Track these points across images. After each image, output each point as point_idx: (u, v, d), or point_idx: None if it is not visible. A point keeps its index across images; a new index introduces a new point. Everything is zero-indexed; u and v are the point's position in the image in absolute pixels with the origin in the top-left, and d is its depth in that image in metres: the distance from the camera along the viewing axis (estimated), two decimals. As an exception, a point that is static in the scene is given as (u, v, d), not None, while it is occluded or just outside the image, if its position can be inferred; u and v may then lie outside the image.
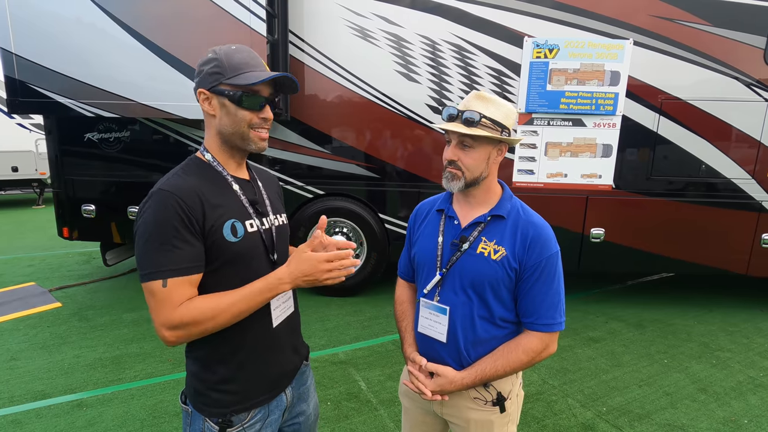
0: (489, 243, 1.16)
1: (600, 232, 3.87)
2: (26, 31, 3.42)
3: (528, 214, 1.19)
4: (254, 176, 1.16)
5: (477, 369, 1.17)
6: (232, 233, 1.00)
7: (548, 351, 1.17)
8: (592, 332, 3.60)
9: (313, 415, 1.30)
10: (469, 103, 1.14)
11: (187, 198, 0.94)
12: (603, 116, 3.69)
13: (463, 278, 1.18)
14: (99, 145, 4.02)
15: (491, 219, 1.19)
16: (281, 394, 1.15)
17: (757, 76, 3.57)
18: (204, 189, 0.98)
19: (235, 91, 0.99)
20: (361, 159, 3.97)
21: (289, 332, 1.18)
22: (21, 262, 5.31)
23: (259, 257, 1.07)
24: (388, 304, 4.08)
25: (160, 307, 0.92)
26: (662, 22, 3.54)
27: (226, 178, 1.05)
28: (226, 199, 1.02)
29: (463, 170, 1.14)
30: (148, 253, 0.92)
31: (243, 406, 1.06)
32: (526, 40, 3.63)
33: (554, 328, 1.15)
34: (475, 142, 1.13)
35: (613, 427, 2.41)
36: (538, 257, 1.13)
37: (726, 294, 4.50)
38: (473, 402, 1.22)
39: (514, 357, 1.15)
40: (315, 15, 3.75)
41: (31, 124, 9.05)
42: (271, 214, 1.14)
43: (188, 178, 0.98)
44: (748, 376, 2.97)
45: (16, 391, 2.65)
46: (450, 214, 1.24)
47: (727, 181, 3.73)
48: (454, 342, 1.20)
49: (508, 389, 1.23)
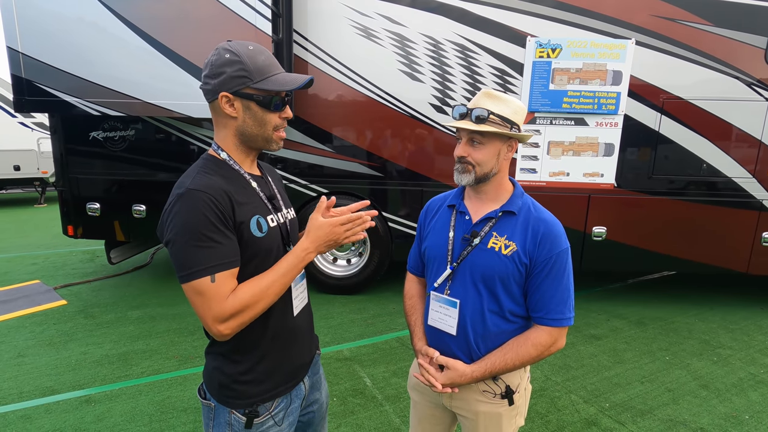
0: (500, 238, 1.18)
1: (602, 230, 3.90)
2: (33, 30, 3.44)
3: (539, 211, 1.20)
4: (264, 172, 1.19)
5: (487, 362, 1.19)
6: (258, 229, 1.03)
7: (557, 345, 1.19)
8: (594, 330, 3.63)
9: (325, 402, 1.34)
10: (479, 100, 1.16)
11: (218, 195, 0.95)
12: (605, 115, 3.71)
13: (473, 272, 1.20)
14: (104, 143, 4.04)
15: (502, 215, 1.20)
16: (300, 384, 1.19)
17: (757, 76, 3.59)
18: (229, 187, 1.00)
19: (265, 96, 1.00)
20: (364, 158, 4.00)
21: (306, 322, 1.21)
22: (25, 260, 5.34)
23: (278, 250, 1.10)
24: (391, 302, 4.11)
25: (211, 303, 0.93)
26: (664, 22, 3.56)
27: (244, 176, 1.07)
28: (249, 196, 1.05)
29: (474, 165, 1.17)
30: (190, 253, 0.92)
31: (268, 395, 1.09)
32: (529, 40, 3.65)
33: (563, 323, 1.17)
34: (485, 139, 1.15)
35: (616, 422, 2.43)
36: (548, 253, 1.14)
37: (726, 292, 4.53)
38: (482, 395, 1.24)
39: (523, 351, 1.17)
40: (319, 14, 3.77)
41: (33, 123, 9.07)
42: (284, 209, 1.17)
43: (213, 176, 0.99)
44: (749, 372, 3.00)
45: (25, 387, 2.68)
46: (461, 209, 1.26)
47: (728, 180, 3.76)
48: (464, 335, 1.22)
49: (517, 382, 1.25)
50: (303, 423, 1.28)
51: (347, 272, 4.27)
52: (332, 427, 2.34)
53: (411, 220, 4.10)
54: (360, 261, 4.28)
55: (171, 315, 3.74)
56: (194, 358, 3.02)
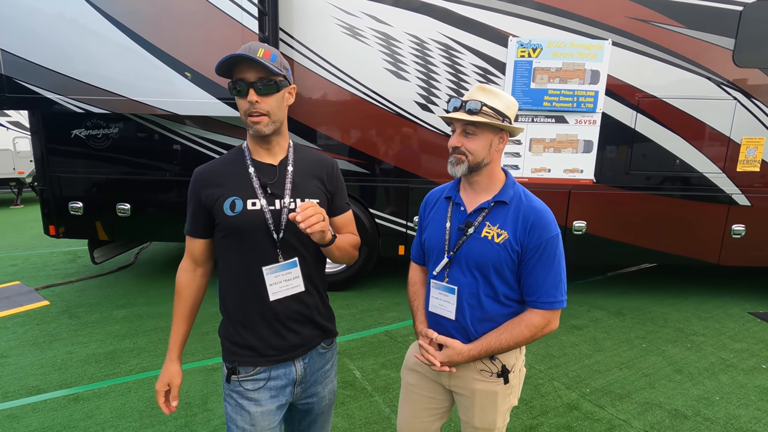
0: (492, 227, 1.25)
1: (582, 224, 4.03)
2: (12, 27, 3.38)
3: (530, 200, 1.27)
4: (288, 161, 1.22)
5: (483, 342, 1.26)
6: (231, 209, 1.17)
7: (550, 327, 1.26)
8: (575, 320, 3.76)
9: (328, 399, 1.37)
10: (472, 93, 1.23)
11: (197, 177, 1.23)
12: (584, 113, 3.84)
13: (469, 260, 1.27)
14: (87, 141, 3.99)
15: (495, 205, 1.27)
16: (291, 365, 1.24)
17: (726, 76, 3.77)
18: (218, 170, 1.22)
19: (229, 83, 1.13)
20: (351, 155, 4.05)
21: (297, 310, 1.23)
22: (2, 262, 5.21)
23: (255, 232, 1.17)
24: (378, 298, 4.17)
25: None
26: (639, 23, 3.71)
27: (246, 161, 1.21)
28: (234, 180, 1.19)
29: (466, 154, 1.23)
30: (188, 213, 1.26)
31: (246, 360, 1.22)
32: (511, 40, 3.76)
33: (555, 306, 1.24)
34: (477, 129, 1.22)
35: (596, 406, 2.54)
36: (538, 239, 1.21)
37: (699, 282, 4.73)
38: (479, 374, 1.31)
39: (517, 332, 1.24)
40: (305, 13, 3.80)
41: (9, 122, 8.81)
42: (288, 197, 1.20)
43: (216, 161, 1.25)
44: (720, 357, 3.16)
45: (10, 387, 2.64)
46: (457, 201, 1.33)
47: (700, 175, 3.94)
48: (462, 319, 1.29)
49: (512, 363, 1.32)
50: (301, 411, 1.34)
51: (335, 268, 4.31)
52: (323, 418, 2.38)
53: (397, 217, 4.16)
54: (347, 257, 4.31)
55: (158, 313, 3.72)
56: (184, 355, 3.02)
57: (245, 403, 1.21)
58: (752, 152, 3.88)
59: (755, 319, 3.84)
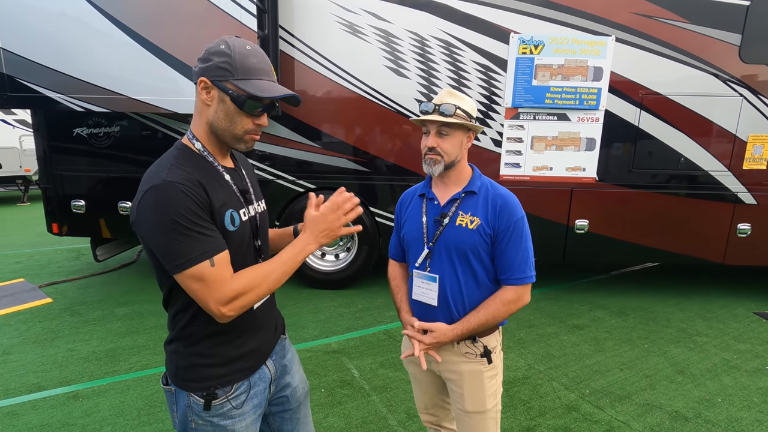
0: (465, 215, 1.36)
1: (584, 223, 3.99)
2: (14, 25, 3.39)
3: (496, 188, 1.39)
4: (238, 164, 1.20)
5: (464, 322, 1.36)
6: (231, 223, 1.05)
7: (522, 301, 1.36)
8: (576, 320, 3.72)
9: (301, 389, 1.33)
10: (443, 97, 1.34)
11: (195, 187, 0.97)
12: (586, 111, 3.80)
13: (448, 248, 1.37)
14: (88, 140, 4.01)
15: (465, 195, 1.39)
16: (263, 367, 1.20)
17: (733, 73, 3.71)
18: (204, 181, 1.00)
19: (240, 95, 1.00)
20: (351, 153, 4.03)
21: (268, 311, 1.23)
22: (8, 259, 5.26)
23: (247, 244, 1.13)
24: (379, 296, 4.16)
25: (213, 287, 0.96)
26: (643, 19, 3.65)
27: (217, 169, 1.08)
28: (223, 190, 1.06)
29: (442, 155, 1.33)
30: (181, 243, 0.93)
31: (225, 380, 1.10)
32: (513, 37, 3.71)
33: (526, 281, 1.35)
34: (451, 130, 1.33)
35: (595, 407, 2.52)
36: (507, 222, 1.33)
37: (704, 282, 4.67)
38: (464, 356, 1.41)
39: (493, 308, 1.35)
40: (305, 10, 3.78)
41: (15, 120, 8.89)
42: (255, 202, 1.18)
43: (188, 169, 0.99)
44: (723, 358, 3.11)
45: (11, 384, 2.67)
46: (430, 196, 1.44)
47: (705, 173, 3.88)
48: (445, 304, 1.39)
49: (493, 344, 1.43)
50: (277, 406, 1.29)
51: (336, 267, 4.31)
52: (320, 417, 2.38)
53: (398, 215, 4.14)
54: (348, 256, 4.31)
55: (159, 311, 3.74)
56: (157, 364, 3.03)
57: (228, 423, 1.11)
58: (759, 150, 3.81)
59: (760, 320, 3.79)
